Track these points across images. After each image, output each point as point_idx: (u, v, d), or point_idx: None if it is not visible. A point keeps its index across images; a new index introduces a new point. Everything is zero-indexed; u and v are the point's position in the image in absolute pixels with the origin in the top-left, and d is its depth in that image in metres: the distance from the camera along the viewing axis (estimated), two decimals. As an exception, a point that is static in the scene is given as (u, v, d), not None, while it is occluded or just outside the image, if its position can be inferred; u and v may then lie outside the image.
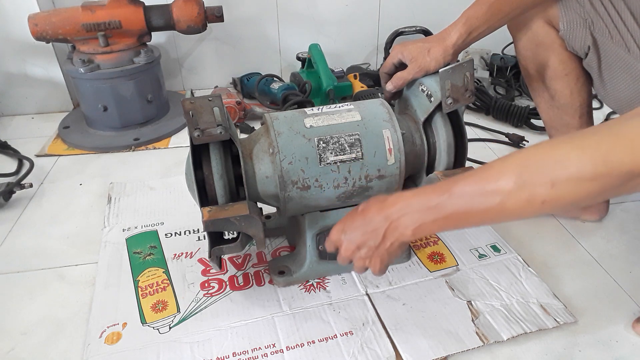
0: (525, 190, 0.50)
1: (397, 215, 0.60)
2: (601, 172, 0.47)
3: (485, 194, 0.53)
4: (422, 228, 0.59)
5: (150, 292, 0.84)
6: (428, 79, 0.81)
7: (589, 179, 0.47)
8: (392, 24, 1.67)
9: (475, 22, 0.81)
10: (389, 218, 0.61)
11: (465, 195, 0.55)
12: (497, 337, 0.74)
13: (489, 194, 0.53)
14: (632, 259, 0.91)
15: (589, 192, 0.48)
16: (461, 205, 0.55)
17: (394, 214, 0.60)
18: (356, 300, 0.82)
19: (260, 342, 0.74)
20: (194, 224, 1.00)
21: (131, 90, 1.35)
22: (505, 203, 0.52)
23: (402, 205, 0.60)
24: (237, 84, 1.65)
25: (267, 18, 1.65)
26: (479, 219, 0.56)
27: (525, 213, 0.52)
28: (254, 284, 0.85)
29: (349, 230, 0.66)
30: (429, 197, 0.58)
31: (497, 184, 0.52)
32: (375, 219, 0.62)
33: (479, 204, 0.54)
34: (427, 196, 0.59)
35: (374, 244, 0.63)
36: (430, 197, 0.58)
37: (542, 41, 0.87)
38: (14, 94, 1.52)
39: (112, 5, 1.29)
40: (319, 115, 0.78)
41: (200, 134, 0.67)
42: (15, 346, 0.76)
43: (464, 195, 0.55)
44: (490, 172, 0.54)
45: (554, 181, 0.49)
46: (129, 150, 1.33)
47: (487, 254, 0.91)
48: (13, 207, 1.09)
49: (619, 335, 0.76)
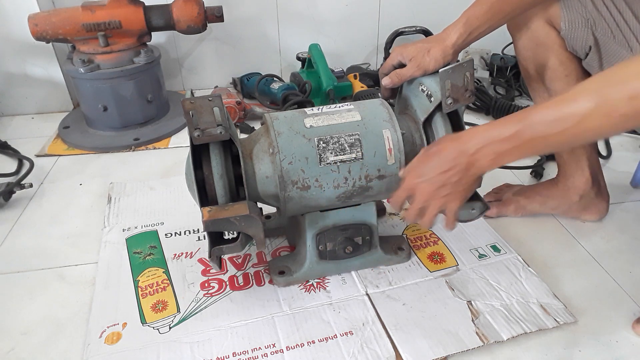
0: (604, 106, 0.52)
1: (475, 148, 0.62)
2: None
3: (564, 117, 0.55)
4: (501, 157, 0.62)
5: (150, 292, 0.84)
6: (428, 79, 0.81)
7: None
8: (392, 24, 1.67)
9: (476, 22, 0.81)
10: (466, 152, 0.63)
11: (543, 122, 0.57)
12: (497, 337, 0.74)
13: (568, 116, 0.55)
14: (632, 259, 0.91)
15: None
16: (540, 131, 0.57)
17: (471, 147, 0.63)
18: (356, 300, 0.82)
19: (260, 342, 0.74)
20: (194, 224, 1.00)
21: (131, 90, 1.35)
22: (584, 122, 0.54)
23: (479, 139, 0.62)
24: (237, 84, 1.65)
25: (267, 18, 1.65)
26: (557, 143, 0.59)
27: (604, 130, 0.55)
28: (254, 284, 0.85)
29: (426, 171, 0.67)
30: (505, 127, 0.60)
31: (577, 104, 0.55)
32: (453, 155, 0.64)
33: (558, 127, 0.56)
34: (503, 126, 0.61)
35: (456, 179, 0.64)
36: (506, 127, 0.60)
37: (543, 42, 0.87)
38: (14, 94, 1.52)
39: (112, 5, 1.29)
40: (319, 115, 0.78)
41: (200, 134, 0.67)
42: (15, 346, 0.76)
43: (542, 121, 0.57)
44: (566, 96, 0.56)
45: (632, 94, 0.51)
46: (129, 150, 1.33)
47: (487, 254, 0.91)
48: (13, 207, 1.09)
49: (619, 335, 0.76)
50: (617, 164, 1.21)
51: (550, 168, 1.19)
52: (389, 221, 1.01)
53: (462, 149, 0.64)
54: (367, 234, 0.84)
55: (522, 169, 1.19)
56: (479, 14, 0.81)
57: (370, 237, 0.85)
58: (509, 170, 1.19)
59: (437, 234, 0.97)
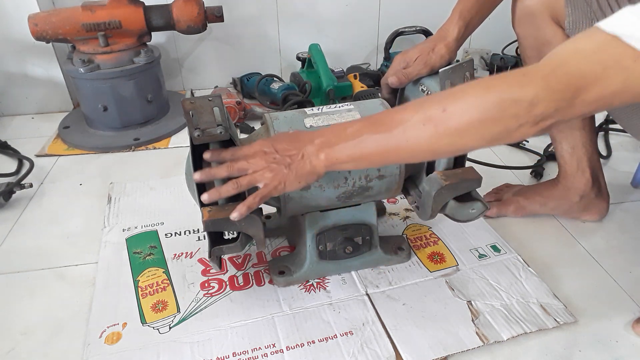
0: (421, 118, 0.56)
1: (321, 141, 0.64)
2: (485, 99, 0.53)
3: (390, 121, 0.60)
4: (336, 163, 0.63)
5: (150, 292, 0.84)
6: (428, 79, 0.81)
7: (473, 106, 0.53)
8: (392, 24, 1.67)
9: (468, 14, 0.84)
10: (313, 142, 0.64)
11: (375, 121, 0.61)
12: (497, 337, 0.74)
13: (391, 121, 0.59)
14: (632, 259, 0.91)
15: (473, 120, 0.53)
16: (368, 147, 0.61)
17: (318, 139, 0.64)
18: (356, 300, 0.82)
19: (260, 342, 0.74)
20: (194, 224, 1.00)
21: (131, 90, 1.35)
22: (405, 131, 0.57)
23: (329, 136, 0.64)
24: (237, 84, 1.65)
25: (267, 18, 1.65)
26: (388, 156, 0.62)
27: (422, 143, 0.58)
28: (254, 284, 0.85)
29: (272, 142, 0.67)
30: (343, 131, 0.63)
31: (401, 113, 0.59)
32: (303, 138, 0.65)
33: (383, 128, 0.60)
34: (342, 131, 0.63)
35: (290, 161, 0.64)
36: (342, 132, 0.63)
37: (549, 40, 0.86)
38: (14, 94, 1.52)
39: (112, 5, 1.29)
40: (319, 115, 0.78)
41: (200, 134, 0.67)
42: (15, 346, 0.76)
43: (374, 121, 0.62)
44: (398, 107, 0.62)
45: (446, 107, 0.55)
46: (129, 150, 1.33)
47: (487, 254, 0.91)
48: (13, 207, 1.09)
49: (619, 335, 0.76)
50: (617, 164, 1.21)
51: (550, 168, 1.19)
52: (389, 221, 1.01)
53: (311, 138, 0.64)
54: (367, 234, 0.84)
55: (522, 169, 1.19)
56: (469, 6, 0.84)
57: (370, 237, 0.85)
58: (509, 170, 1.19)
59: (437, 234, 0.97)
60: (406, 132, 0.58)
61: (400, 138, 0.58)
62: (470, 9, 0.84)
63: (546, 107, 0.51)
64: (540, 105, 0.51)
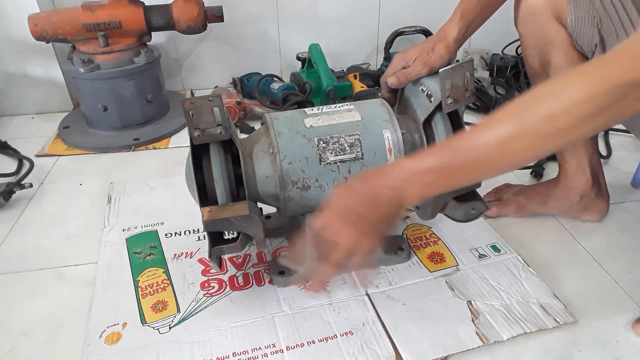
0: (523, 128, 0.52)
1: (400, 180, 0.59)
2: (593, 91, 0.49)
3: (486, 143, 0.54)
4: (428, 189, 0.59)
5: (150, 292, 0.84)
6: (428, 79, 0.81)
7: (582, 102, 0.49)
8: (392, 24, 1.67)
9: (470, 15, 0.84)
10: (391, 186, 0.59)
11: (467, 149, 0.56)
12: (497, 337, 0.74)
13: (490, 141, 0.54)
14: (632, 259, 0.91)
15: (586, 114, 0.49)
16: (465, 158, 0.56)
17: (396, 181, 0.59)
18: (356, 300, 0.82)
19: (260, 342, 0.74)
20: (194, 224, 1.00)
21: (131, 90, 1.35)
22: (506, 146, 0.53)
23: (404, 172, 0.59)
24: (237, 84, 1.65)
25: (267, 18, 1.65)
26: (485, 170, 0.58)
27: (529, 152, 0.54)
28: (254, 284, 0.85)
29: (348, 203, 0.61)
30: (431, 158, 0.58)
31: (496, 129, 0.54)
32: (378, 189, 0.60)
33: (481, 153, 0.55)
34: (429, 157, 0.59)
35: (376, 215, 0.60)
36: (432, 157, 0.58)
37: (552, 39, 0.86)
38: (14, 94, 1.52)
39: (112, 5, 1.29)
40: (319, 115, 0.78)
41: (200, 134, 0.67)
42: (15, 346, 0.76)
43: (466, 148, 0.56)
44: (487, 121, 0.56)
45: (548, 113, 0.50)
46: (129, 150, 1.33)
47: (487, 254, 0.91)
48: (13, 207, 1.09)
49: (619, 335, 0.76)
50: (618, 164, 1.21)
51: (550, 168, 1.19)
52: (389, 221, 1.01)
53: (387, 184, 0.60)
54: (367, 234, 0.84)
55: (522, 169, 1.19)
56: (471, 7, 0.84)
57: (370, 237, 0.85)
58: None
59: (437, 234, 0.97)
60: (505, 149, 0.54)
61: (498, 159, 0.55)
62: (472, 9, 0.84)
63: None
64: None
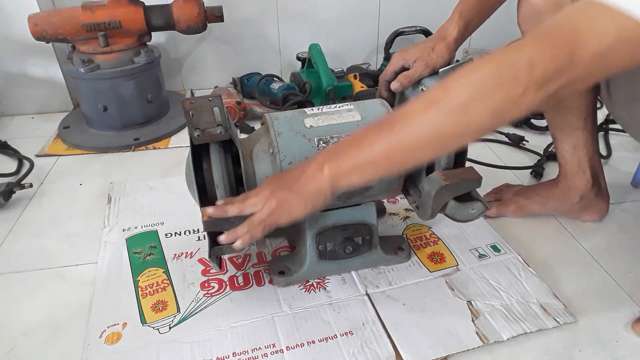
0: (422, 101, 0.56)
1: (324, 153, 0.62)
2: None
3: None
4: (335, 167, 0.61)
5: (150, 292, 0.84)
6: (428, 79, 0.81)
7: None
8: (392, 24, 1.67)
9: (469, 15, 0.84)
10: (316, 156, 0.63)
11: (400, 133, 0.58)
12: (497, 337, 0.74)
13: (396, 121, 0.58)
14: (632, 259, 0.91)
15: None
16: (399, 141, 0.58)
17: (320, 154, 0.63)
18: (356, 300, 0.82)
19: (260, 342, 0.74)
20: (194, 224, 1.00)
21: (131, 90, 1.35)
22: (409, 121, 0.56)
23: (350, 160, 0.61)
24: (237, 84, 1.65)
25: (267, 18, 1.65)
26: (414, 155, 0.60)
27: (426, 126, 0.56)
28: (254, 284, 0.85)
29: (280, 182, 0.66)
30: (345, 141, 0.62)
31: (401, 110, 0.58)
32: (307, 160, 0.63)
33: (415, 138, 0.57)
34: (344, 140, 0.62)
35: (297, 175, 0.63)
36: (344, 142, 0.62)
37: None
38: (14, 94, 1.52)
39: (112, 5, 1.29)
40: (319, 115, 0.78)
41: (200, 134, 0.67)
42: (15, 346, 0.76)
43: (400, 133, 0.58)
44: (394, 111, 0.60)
45: (445, 85, 0.55)
46: (129, 150, 1.33)
47: (487, 254, 0.91)
48: (13, 207, 1.09)
49: (619, 335, 0.76)
50: (618, 164, 1.21)
51: (550, 168, 1.19)
52: (389, 221, 1.01)
53: (314, 157, 0.63)
54: (367, 234, 0.84)
55: (522, 169, 1.19)
56: (470, 7, 0.84)
57: (370, 237, 0.85)
58: (509, 170, 1.19)
59: (437, 234, 0.97)
60: (410, 123, 0.56)
61: (404, 131, 0.56)
62: (470, 9, 0.84)
63: (546, 67, 0.49)
64: (539, 65, 0.49)
